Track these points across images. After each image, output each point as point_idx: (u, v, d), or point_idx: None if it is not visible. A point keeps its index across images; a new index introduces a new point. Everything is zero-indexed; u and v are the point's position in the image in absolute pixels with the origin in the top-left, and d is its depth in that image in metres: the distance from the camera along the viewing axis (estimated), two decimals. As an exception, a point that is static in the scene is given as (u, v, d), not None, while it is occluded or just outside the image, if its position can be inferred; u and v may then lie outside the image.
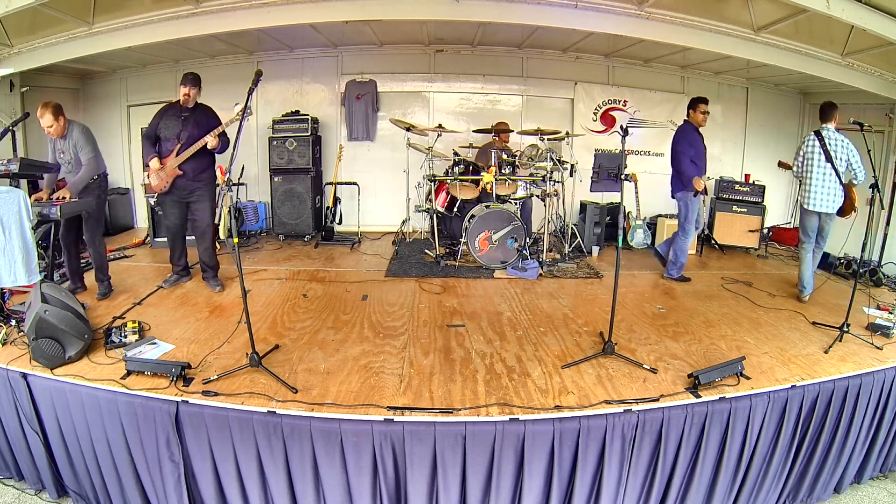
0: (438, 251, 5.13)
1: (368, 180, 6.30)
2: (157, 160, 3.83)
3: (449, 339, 3.28)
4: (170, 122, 3.87)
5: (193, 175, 3.91)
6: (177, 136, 3.83)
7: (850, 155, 3.91)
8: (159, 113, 3.95)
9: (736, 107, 6.79)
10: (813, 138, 4.02)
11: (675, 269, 4.73)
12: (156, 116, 3.94)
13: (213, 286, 4.14)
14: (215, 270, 4.24)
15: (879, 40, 4.00)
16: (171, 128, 3.85)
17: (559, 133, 5.42)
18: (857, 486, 3.14)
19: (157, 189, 3.94)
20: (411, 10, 4.30)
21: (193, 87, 3.81)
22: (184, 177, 3.88)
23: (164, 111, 3.93)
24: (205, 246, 4.12)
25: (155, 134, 3.90)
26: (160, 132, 3.89)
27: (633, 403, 2.49)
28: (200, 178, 3.96)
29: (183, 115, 3.86)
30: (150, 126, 3.93)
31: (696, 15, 4.23)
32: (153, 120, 3.94)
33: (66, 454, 2.68)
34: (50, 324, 2.67)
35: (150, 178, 3.90)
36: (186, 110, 3.86)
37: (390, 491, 2.39)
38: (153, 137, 3.91)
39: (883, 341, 3.25)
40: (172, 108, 3.92)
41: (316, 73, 6.40)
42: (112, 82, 6.47)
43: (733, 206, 5.97)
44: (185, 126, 3.83)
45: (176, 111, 3.88)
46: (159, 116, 3.92)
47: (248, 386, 2.57)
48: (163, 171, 3.83)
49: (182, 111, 3.86)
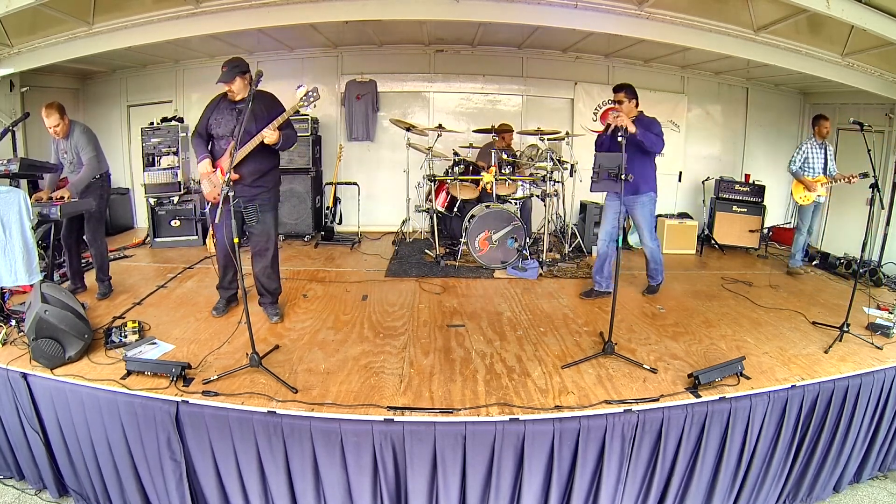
0: (438, 251, 5.13)
1: (368, 180, 6.31)
2: (209, 162, 3.21)
3: (449, 339, 3.28)
4: (222, 116, 3.21)
5: (252, 179, 3.23)
6: (231, 132, 3.16)
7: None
8: (210, 105, 3.31)
9: (736, 107, 6.80)
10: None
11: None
12: (206, 110, 3.31)
13: (270, 315, 3.50)
14: (275, 296, 3.56)
15: (879, 40, 4.00)
16: (224, 123, 3.20)
17: (559, 133, 5.42)
18: (857, 486, 3.13)
19: (210, 197, 3.30)
20: (411, 10, 4.30)
21: (231, 80, 3.14)
22: (240, 181, 3.17)
23: (217, 103, 3.29)
24: (263, 265, 3.44)
25: (206, 131, 3.29)
26: (212, 129, 3.25)
27: (633, 403, 2.49)
28: (261, 182, 3.27)
29: (237, 107, 3.19)
30: (200, 121, 3.31)
31: (696, 15, 4.23)
32: (203, 114, 3.31)
33: (67, 454, 2.68)
34: (50, 324, 2.67)
35: (202, 184, 3.31)
36: (240, 101, 3.19)
37: (390, 490, 2.39)
38: (205, 135, 3.30)
39: (883, 341, 3.25)
40: (225, 98, 3.26)
41: (316, 73, 6.40)
42: (112, 82, 6.48)
43: (733, 206, 5.97)
44: (240, 120, 3.05)
45: (229, 102, 3.24)
46: (210, 110, 3.29)
47: (248, 386, 2.57)
48: (216, 175, 3.21)
49: (236, 102, 3.22)
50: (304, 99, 3.06)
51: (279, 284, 3.61)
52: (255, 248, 3.45)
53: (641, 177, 3.85)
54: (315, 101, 3.07)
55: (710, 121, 6.81)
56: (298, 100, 3.07)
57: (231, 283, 3.58)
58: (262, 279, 3.50)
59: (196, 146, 3.32)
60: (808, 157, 4.90)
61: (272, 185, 3.38)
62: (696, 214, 6.32)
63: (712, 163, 6.76)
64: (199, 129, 3.33)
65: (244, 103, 3.06)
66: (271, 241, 3.44)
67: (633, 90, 3.94)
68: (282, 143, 3.17)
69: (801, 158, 4.92)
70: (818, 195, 4.88)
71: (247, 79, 3.19)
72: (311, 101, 3.07)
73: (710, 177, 6.25)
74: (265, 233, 3.38)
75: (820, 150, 4.89)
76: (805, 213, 5.01)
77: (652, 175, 4.03)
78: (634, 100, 3.93)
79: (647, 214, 4.05)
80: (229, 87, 3.18)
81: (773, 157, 6.65)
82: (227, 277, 3.54)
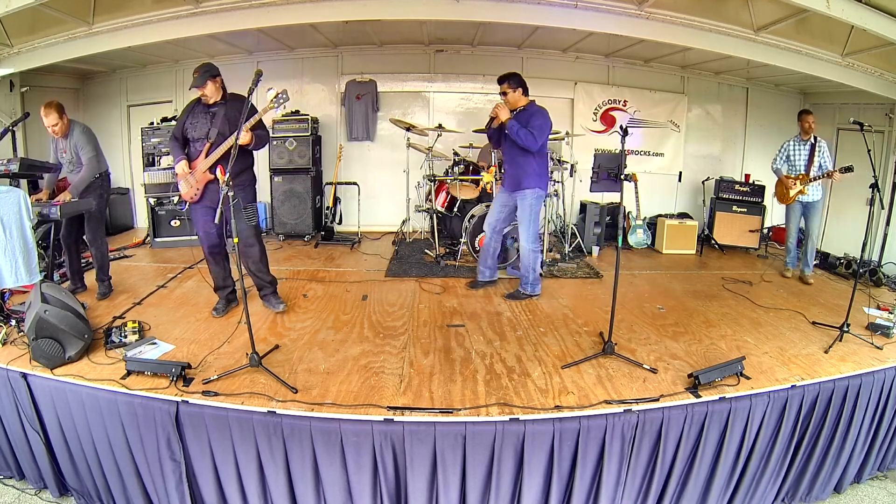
0: (438, 251, 5.13)
1: (368, 180, 6.30)
2: (185, 163, 3.33)
3: (449, 339, 3.28)
4: (197, 119, 3.35)
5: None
6: (206, 134, 3.32)
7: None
8: (186, 109, 3.46)
9: (736, 107, 6.80)
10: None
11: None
12: (182, 114, 3.46)
13: (274, 306, 3.67)
14: (273, 286, 3.74)
15: (879, 40, 4.01)
16: (199, 126, 3.34)
17: (559, 133, 5.42)
18: (857, 486, 3.13)
19: (187, 197, 3.42)
20: (411, 10, 4.30)
21: (203, 85, 3.24)
22: (216, 181, 3.32)
23: (192, 107, 3.42)
24: (252, 260, 3.58)
25: (182, 134, 3.41)
26: (188, 132, 3.38)
27: (633, 403, 2.49)
28: (236, 181, 3.31)
29: (211, 111, 3.34)
30: (177, 125, 3.45)
31: (696, 15, 4.24)
32: (180, 118, 3.47)
33: (68, 453, 2.68)
34: (50, 324, 2.67)
35: (180, 184, 3.42)
36: (214, 104, 3.34)
37: (390, 490, 2.39)
38: (181, 139, 3.42)
39: (883, 341, 3.25)
40: (200, 103, 3.39)
41: (316, 73, 6.41)
42: (112, 82, 6.48)
43: (733, 206, 5.97)
44: (213, 122, 3.30)
45: (203, 106, 3.37)
46: (186, 114, 3.43)
47: (248, 386, 2.57)
48: (192, 176, 3.34)
49: (210, 105, 3.35)
50: (275, 101, 3.15)
51: (272, 275, 3.76)
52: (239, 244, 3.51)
53: (522, 171, 3.70)
54: (285, 102, 3.17)
55: (710, 121, 6.81)
56: (269, 101, 3.16)
57: (226, 281, 3.65)
58: (256, 273, 3.65)
59: (173, 149, 3.45)
60: (790, 155, 4.82)
61: (247, 184, 3.50)
62: (696, 214, 6.33)
63: (712, 163, 6.76)
64: (175, 133, 3.45)
65: (217, 106, 3.33)
66: (254, 237, 3.55)
67: (519, 79, 3.72)
68: (254, 143, 3.28)
69: (783, 156, 4.86)
70: (800, 194, 4.70)
71: (218, 82, 3.33)
72: (282, 103, 3.17)
73: (710, 177, 6.25)
74: (247, 229, 3.48)
75: (803, 147, 4.73)
76: (790, 213, 4.90)
77: (536, 170, 3.75)
78: (520, 89, 3.72)
79: (527, 210, 3.77)
80: (202, 92, 3.28)
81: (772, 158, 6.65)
82: (220, 278, 3.63)
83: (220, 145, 3.25)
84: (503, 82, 3.75)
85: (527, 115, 3.68)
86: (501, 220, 4.00)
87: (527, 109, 3.73)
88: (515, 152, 3.62)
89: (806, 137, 4.72)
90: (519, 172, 3.65)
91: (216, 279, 3.64)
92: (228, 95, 3.40)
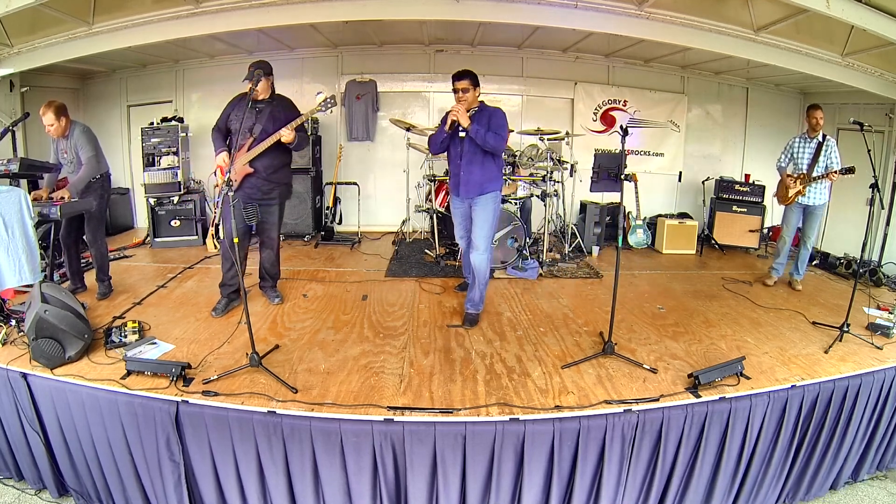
0: (438, 251, 5.13)
1: (368, 180, 6.31)
2: (227, 155, 3.40)
3: (449, 339, 3.28)
4: (242, 112, 3.38)
5: (266, 174, 3.50)
6: (249, 129, 3.42)
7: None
8: (231, 103, 3.55)
9: (736, 107, 6.79)
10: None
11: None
12: (227, 106, 3.55)
13: (271, 297, 3.88)
14: (275, 280, 3.95)
15: (879, 40, 4.00)
16: (244, 120, 3.37)
17: (559, 133, 5.42)
18: (857, 485, 3.14)
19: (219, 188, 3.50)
20: (411, 10, 4.30)
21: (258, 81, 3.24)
22: (255, 175, 3.46)
23: (237, 101, 3.53)
24: (269, 253, 3.81)
25: (225, 126, 3.50)
26: (231, 124, 3.48)
27: (633, 403, 2.49)
28: (274, 177, 3.56)
29: (258, 107, 3.45)
30: (221, 117, 3.54)
31: (696, 15, 4.23)
32: (224, 110, 3.55)
33: (67, 453, 2.68)
34: (50, 324, 2.67)
35: (217, 175, 3.49)
36: (262, 101, 3.46)
37: (390, 491, 2.39)
38: (224, 130, 3.51)
39: (883, 341, 3.26)
40: (245, 97, 3.30)
41: (316, 73, 6.40)
42: (112, 82, 6.47)
43: (733, 206, 5.97)
44: (258, 119, 3.42)
45: (251, 101, 3.36)
46: (231, 107, 3.52)
47: (248, 386, 2.57)
48: (232, 167, 3.37)
49: (257, 102, 3.45)
50: (323, 105, 3.30)
51: (279, 271, 3.98)
52: (263, 235, 3.73)
53: (486, 175, 3.46)
54: (332, 107, 3.33)
55: (710, 121, 6.81)
56: (317, 104, 3.30)
57: (233, 279, 3.63)
58: (267, 266, 3.84)
59: (215, 140, 3.53)
60: (794, 152, 4.50)
61: (285, 180, 3.67)
62: (696, 214, 6.32)
63: (712, 163, 6.76)
64: (218, 124, 3.54)
65: (264, 103, 3.46)
66: (277, 232, 3.76)
67: (476, 77, 3.45)
68: (296, 143, 3.43)
69: (787, 155, 4.56)
70: (799, 195, 4.41)
71: (270, 81, 3.47)
72: (328, 108, 3.33)
73: (710, 177, 6.25)
74: (274, 224, 3.69)
75: (808, 145, 4.38)
76: (787, 215, 4.60)
77: (496, 173, 3.54)
78: (478, 88, 3.46)
79: (490, 213, 3.49)
80: (255, 87, 3.25)
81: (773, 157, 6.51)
82: (231, 272, 3.60)
83: (263, 141, 3.39)
84: (464, 78, 3.39)
85: (485, 115, 3.43)
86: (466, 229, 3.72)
87: (483, 110, 3.47)
88: (478, 157, 3.42)
89: (813, 135, 4.35)
90: (482, 177, 3.45)
91: (228, 272, 3.63)
92: (275, 95, 3.55)
